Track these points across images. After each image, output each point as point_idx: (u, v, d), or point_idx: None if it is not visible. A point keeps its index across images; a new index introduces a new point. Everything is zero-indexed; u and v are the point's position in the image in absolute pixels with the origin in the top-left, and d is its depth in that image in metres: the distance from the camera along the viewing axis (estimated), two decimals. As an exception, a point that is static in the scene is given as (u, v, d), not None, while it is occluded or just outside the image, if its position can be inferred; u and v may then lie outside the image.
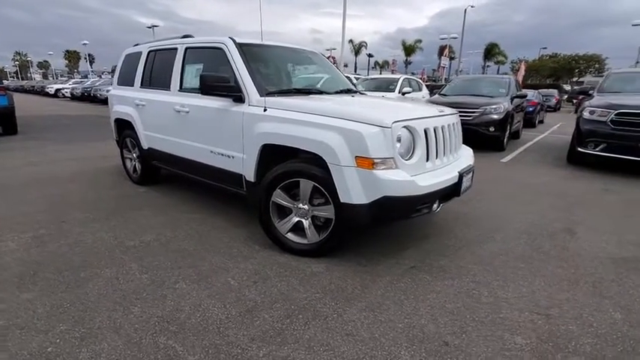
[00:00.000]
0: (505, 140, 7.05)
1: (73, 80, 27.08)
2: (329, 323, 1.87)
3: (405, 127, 2.22)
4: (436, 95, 8.16)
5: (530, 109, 10.97)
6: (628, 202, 3.99)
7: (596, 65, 31.35)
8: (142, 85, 3.85)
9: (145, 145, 3.87)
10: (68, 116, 12.91)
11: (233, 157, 2.85)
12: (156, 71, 3.73)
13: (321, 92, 3.11)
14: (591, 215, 3.56)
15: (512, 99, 7.28)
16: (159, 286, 2.18)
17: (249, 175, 2.75)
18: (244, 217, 3.29)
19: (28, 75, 76.25)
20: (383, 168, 2.12)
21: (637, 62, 18.94)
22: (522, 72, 21.55)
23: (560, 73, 39.27)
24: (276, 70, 3.35)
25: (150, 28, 29.21)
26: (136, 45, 4.28)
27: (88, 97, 19.70)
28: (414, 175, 2.21)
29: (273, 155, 2.62)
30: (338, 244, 2.49)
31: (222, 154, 2.94)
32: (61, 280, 2.22)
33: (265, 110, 2.57)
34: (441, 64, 27.87)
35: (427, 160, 2.37)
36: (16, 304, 1.97)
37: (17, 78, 71.54)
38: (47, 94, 25.97)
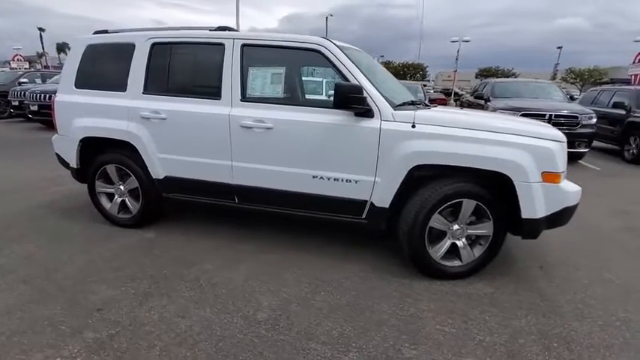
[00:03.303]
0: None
1: None
2: (584, 341, 1.87)
3: (561, 140, 2.38)
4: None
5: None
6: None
7: (421, 72, 39.53)
8: (148, 91, 2.73)
9: (160, 174, 2.78)
10: None
11: (357, 182, 2.40)
12: (179, 73, 2.74)
13: (419, 103, 2.93)
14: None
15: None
16: (388, 361, 1.68)
17: (383, 200, 2.38)
18: (329, 246, 2.81)
19: None
20: (563, 181, 2.22)
21: (455, 70, 24.73)
22: (379, 76, 25.04)
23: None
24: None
25: None
26: (103, 32, 3.00)
27: None
28: (566, 184, 2.40)
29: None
30: (492, 259, 2.46)
31: (337, 179, 2.43)
32: (257, 401, 1.44)
33: (414, 127, 2.26)
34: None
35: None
36: None
37: None
38: None
